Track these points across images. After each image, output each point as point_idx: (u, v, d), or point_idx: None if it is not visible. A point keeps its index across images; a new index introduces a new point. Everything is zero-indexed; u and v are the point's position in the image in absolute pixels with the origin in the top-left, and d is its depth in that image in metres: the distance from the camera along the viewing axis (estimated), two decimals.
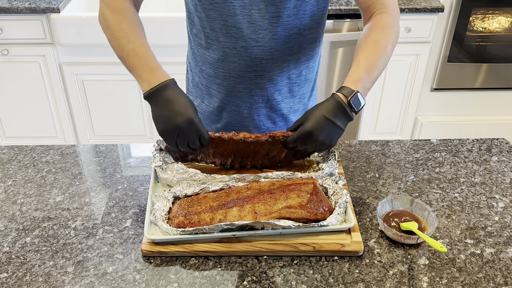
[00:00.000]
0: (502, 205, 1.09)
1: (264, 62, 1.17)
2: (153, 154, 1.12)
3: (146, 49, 1.08)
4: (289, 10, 1.11)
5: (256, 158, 1.13)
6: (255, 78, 1.20)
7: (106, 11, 1.11)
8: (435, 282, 0.90)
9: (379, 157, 1.25)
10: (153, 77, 1.04)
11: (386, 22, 1.11)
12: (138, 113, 2.57)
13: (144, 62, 1.06)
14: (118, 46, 1.09)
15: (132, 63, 1.07)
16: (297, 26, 1.15)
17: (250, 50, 1.15)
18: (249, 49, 1.15)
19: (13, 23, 2.28)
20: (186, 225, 0.96)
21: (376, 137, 2.76)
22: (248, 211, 0.97)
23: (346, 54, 2.47)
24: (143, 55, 1.07)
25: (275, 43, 1.15)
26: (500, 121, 2.77)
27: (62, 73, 2.44)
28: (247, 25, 1.12)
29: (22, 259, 0.95)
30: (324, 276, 0.91)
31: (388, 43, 1.10)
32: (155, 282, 0.90)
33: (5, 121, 2.59)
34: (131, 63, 1.07)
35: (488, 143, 1.32)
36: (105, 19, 1.12)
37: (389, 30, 1.11)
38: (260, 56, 1.16)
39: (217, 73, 1.22)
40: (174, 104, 1.02)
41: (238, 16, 1.11)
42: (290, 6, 1.10)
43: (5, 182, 1.17)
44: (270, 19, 1.11)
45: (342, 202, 0.98)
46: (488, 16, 2.46)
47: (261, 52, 1.16)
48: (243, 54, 1.16)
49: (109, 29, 1.11)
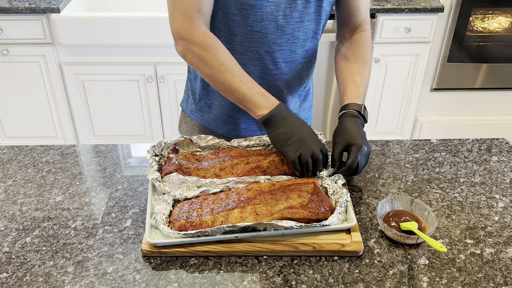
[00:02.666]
0: (502, 205, 1.09)
1: (283, 65, 1.23)
2: (150, 162, 1.11)
3: (250, 79, 1.11)
4: (310, 15, 1.17)
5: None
6: (274, 81, 1.25)
7: (195, 49, 1.10)
8: (435, 282, 0.90)
9: (379, 157, 1.25)
10: (268, 102, 1.09)
11: (369, 40, 1.29)
12: (138, 113, 2.57)
13: (255, 91, 1.10)
14: (221, 81, 1.10)
15: (243, 93, 1.09)
16: (314, 30, 1.21)
17: (273, 54, 1.20)
18: (272, 53, 1.20)
19: (13, 23, 2.28)
20: (188, 228, 0.95)
21: (376, 137, 2.76)
22: (250, 212, 0.97)
23: None
24: (251, 85, 1.10)
25: (295, 46, 1.21)
26: (500, 121, 2.77)
27: (62, 73, 2.44)
28: (272, 30, 1.16)
29: (22, 259, 0.95)
30: (324, 276, 0.91)
31: (371, 59, 1.28)
32: (155, 282, 0.90)
33: (5, 121, 2.59)
34: (241, 94, 1.09)
35: (488, 143, 1.32)
36: (198, 56, 1.10)
37: (370, 47, 1.28)
38: (281, 60, 1.22)
39: None
40: (292, 120, 1.08)
41: (265, 22, 1.14)
42: (311, 11, 1.17)
43: (5, 182, 1.17)
44: (294, 24, 1.16)
45: (342, 201, 0.99)
46: (488, 16, 2.46)
47: (282, 56, 1.21)
48: (266, 58, 1.20)
49: (205, 66, 1.10)
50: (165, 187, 1.05)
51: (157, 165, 1.11)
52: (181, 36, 1.10)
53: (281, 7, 1.13)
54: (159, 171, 1.11)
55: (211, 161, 1.13)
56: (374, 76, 2.55)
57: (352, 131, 1.10)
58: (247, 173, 1.10)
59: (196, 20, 1.09)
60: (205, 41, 1.09)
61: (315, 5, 1.17)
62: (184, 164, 1.11)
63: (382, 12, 2.34)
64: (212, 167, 1.11)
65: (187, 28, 1.09)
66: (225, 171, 1.10)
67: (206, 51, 1.09)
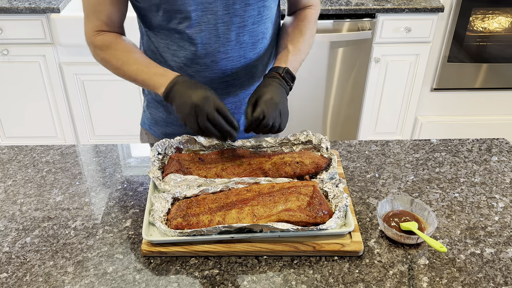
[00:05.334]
0: (502, 205, 1.09)
1: (234, 71, 1.20)
2: (152, 161, 1.11)
3: (147, 62, 1.13)
4: (254, 18, 1.15)
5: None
6: (227, 87, 1.23)
7: (97, 51, 1.17)
8: (435, 282, 0.90)
9: (379, 157, 1.25)
10: (164, 80, 1.08)
11: (311, 16, 1.28)
12: (138, 113, 2.56)
13: (151, 72, 1.11)
14: (124, 74, 1.15)
15: (142, 78, 1.12)
16: (262, 31, 1.19)
17: (220, 63, 1.17)
18: (219, 62, 1.17)
19: (13, 23, 2.28)
20: (184, 226, 0.95)
21: (376, 137, 2.76)
22: (247, 214, 0.97)
23: (346, 54, 2.48)
24: (147, 68, 1.12)
25: (244, 51, 1.18)
26: (500, 121, 2.77)
27: (62, 73, 2.44)
28: (214, 40, 1.14)
29: (22, 259, 0.95)
30: (324, 276, 0.91)
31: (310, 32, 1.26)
32: (155, 282, 0.90)
33: (5, 121, 2.59)
34: (141, 79, 1.12)
35: (488, 143, 1.32)
36: (100, 58, 1.18)
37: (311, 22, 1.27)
38: (230, 67, 1.19)
39: None
40: (187, 90, 1.04)
41: (204, 32, 1.12)
42: (254, 14, 1.14)
43: (5, 182, 1.17)
44: (237, 29, 1.14)
45: (342, 206, 0.97)
46: (488, 16, 2.46)
47: (230, 63, 1.18)
48: (213, 68, 1.18)
49: (108, 64, 1.17)
50: (166, 185, 1.06)
51: (159, 164, 1.11)
52: (88, 42, 1.18)
53: (219, 14, 1.10)
54: (160, 170, 1.11)
55: (214, 161, 1.13)
56: (374, 76, 2.56)
57: (264, 88, 1.10)
58: (248, 174, 1.10)
59: (99, 31, 1.16)
60: (104, 42, 1.16)
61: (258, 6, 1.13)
62: (186, 164, 1.11)
63: (382, 12, 2.34)
64: (214, 167, 1.11)
65: (92, 37, 1.17)
66: (226, 172, 1.10)
67: (105, 51, 1.16)
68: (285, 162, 1.10)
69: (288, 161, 1.10)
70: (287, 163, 1.10)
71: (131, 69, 1.13)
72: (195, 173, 1.09)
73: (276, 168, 1.10)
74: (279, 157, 1.12)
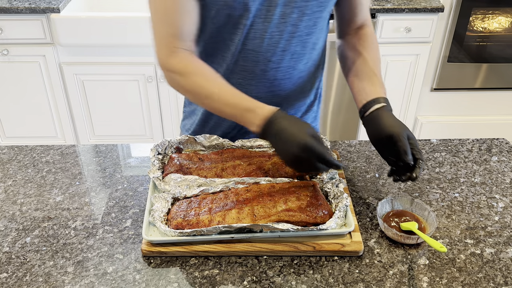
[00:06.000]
0: (502, 205, 1.09)
1: (282, 81, 1.17)
2: (152, 161, 1.11)
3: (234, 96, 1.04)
4: (309, 28, 1.11)
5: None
6: (272, 97, 1.19)
7: (176, 77, 1.07)
8: (435, 282, 0.90)
9: (379, 157, 1.25)
10: (255, 117, 1.00)
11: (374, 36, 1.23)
12: (138, 113, 2.57)
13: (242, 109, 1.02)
14: (209, 107, 1.08)
15: (231, 115, 1.04)
16: (313, 42, 1.15)
17: (269, 72, 1.14)
18: (268, 71, 1.14)
19: (13, 23, 2.28)
20: (184, 226, 0.95)
21: None
22: (247, 214, 0.97)
23: None
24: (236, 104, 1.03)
25: (294, 62, 1.15)
26: (500, 121, 2.77)
27: (62, 73, 2.44)
28: (266, 48, 1.10)
29: (22, 259, 0.95)
30: (324, 276, 0.91)
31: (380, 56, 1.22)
32: (155, 282, 0.90)
33: (5, 121, 2.59)
34: (230, 116, 1.05)
35: (488, 143, 1.32)
36: (179, 84, 1.08)
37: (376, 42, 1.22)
38: (279, 77, 1.16)
39: None
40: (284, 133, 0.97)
41: (257, 40, 1.09)
42: (310, 24, 1.11)
43: (5, 182, 1.17)
44: (289, 39, 1.10)
45: (342, 206, 0.97)
46: (488, 16, 2.46)
47: (280, 74, 1.15)
48: (262, 77, 1.15)
49: (189, 93, 1.09)
50: (166, 185, 1.06)
51: (159, 164, 1.12)
52: (162, 66, 1.08)
53: (274, 22, 1.07)
54: (160, 170, 1.11)
55: (214, 160, 1.13)
56: None
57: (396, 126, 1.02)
58: (248, 174, 1.09)
59: (173, 48, 1.06)
60: (182, 68, 1.06)
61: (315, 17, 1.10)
62: (186, 164, 1.11)
63: (382, 12, 2.34)
64: (214, 167, 1.11)
65: (165, 58, 1.07)
66: (226, 172, 1.10)
67: (185, 78, 1.06)
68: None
69: None
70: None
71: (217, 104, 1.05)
72: (195, 173, 1.09)
73: (276, 168, 1.10)
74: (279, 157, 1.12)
